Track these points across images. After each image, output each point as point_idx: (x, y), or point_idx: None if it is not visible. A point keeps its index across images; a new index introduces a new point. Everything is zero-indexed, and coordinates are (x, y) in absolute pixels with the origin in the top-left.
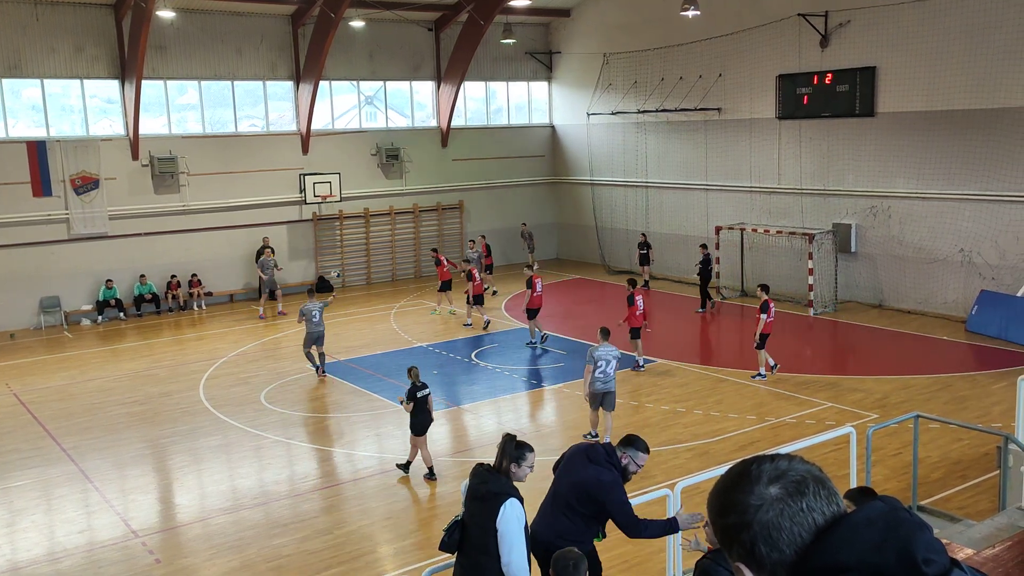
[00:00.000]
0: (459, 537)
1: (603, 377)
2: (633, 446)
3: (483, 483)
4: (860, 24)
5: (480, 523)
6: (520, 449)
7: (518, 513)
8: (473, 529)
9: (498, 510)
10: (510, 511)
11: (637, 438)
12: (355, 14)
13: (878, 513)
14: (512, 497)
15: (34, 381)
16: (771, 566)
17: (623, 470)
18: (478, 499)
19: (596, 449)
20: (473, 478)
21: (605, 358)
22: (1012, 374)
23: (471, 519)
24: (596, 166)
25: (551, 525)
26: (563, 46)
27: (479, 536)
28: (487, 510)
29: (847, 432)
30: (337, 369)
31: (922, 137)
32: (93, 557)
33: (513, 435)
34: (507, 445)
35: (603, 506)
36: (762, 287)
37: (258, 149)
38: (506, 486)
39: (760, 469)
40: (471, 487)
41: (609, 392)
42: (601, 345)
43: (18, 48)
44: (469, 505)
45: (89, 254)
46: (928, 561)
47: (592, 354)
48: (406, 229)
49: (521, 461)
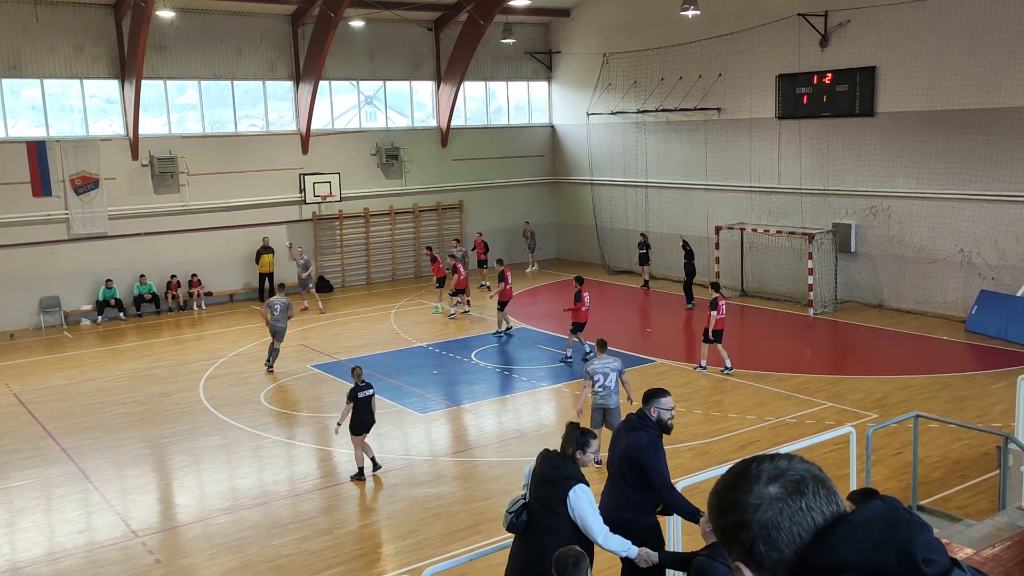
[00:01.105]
0: (526, 519)
1: (603, 392)
2: (653, 398)
3: (553, 468)
4: (860, 24)
5: (547, 505)
6: (584, 436)
7: (588, 495)
8: (539, 511)
9: (567, 494)
10: (581, 494)
11: (657, 389)
12: (355, 14)
13: (878, 513)
14: (580, 482)
15: (34, 381)
16: (770, 565)
17: (659, 424)
18: (547, 483)
19: (629, 418)
20: (542, 462)
21: (603, 371)
22: (1012, 374)
23: (537, 501)
24: (596, 166)
25: (610, 499)
26: (563, 46)
27: (546, 518)
28: (555, 493)
29: (847, 432)
30: (337, 369)
31: (922, 137)
32: (93, 557)
33: (577, 423)
34: (572, 432)
35: (645, 471)
36: (713, 285)
37: (258, 149)
38: (575, 471)
39: (759, 468)
40: (539, 471)
41: (609, 408)
42: (598, 358)
43: (18, 48)
44: (536, 488)
45: (89, 254)
46: (928, 561)
47: (587, 369)
48: (406, 229)
49: (586, 448)
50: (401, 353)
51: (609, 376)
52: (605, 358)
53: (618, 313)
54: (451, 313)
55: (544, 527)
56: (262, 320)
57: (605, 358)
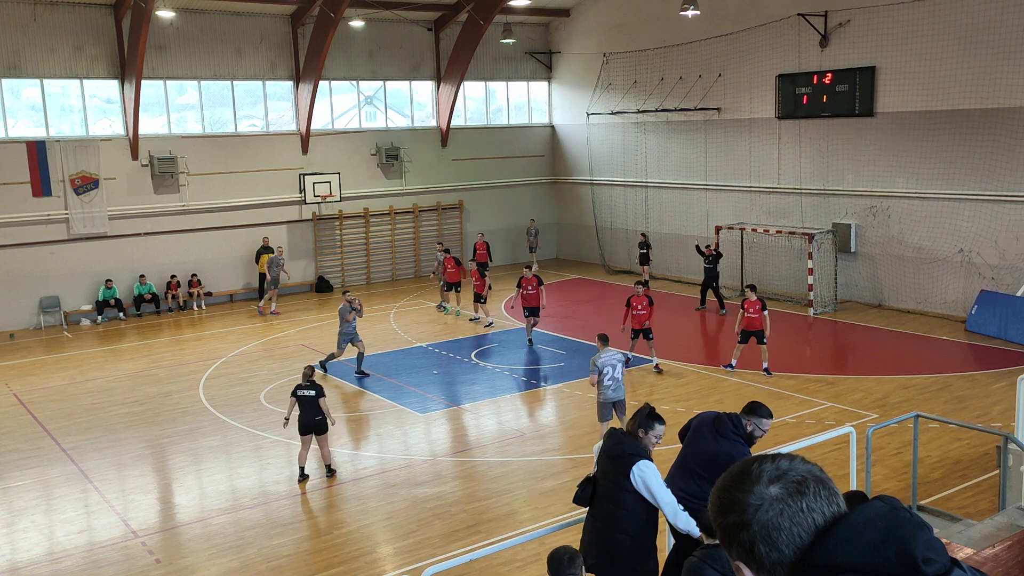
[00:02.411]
0: (591, 492)
1: (612, 384)
2: (756, 413)
3: (617, 444)
4: (860, 24)
5: (613, 479)
6: (651, 420)
7: (653, 469)
8: (606, 485)
9: (630, 468)
10: (645, 468)
11: (760, 405)
12: (355, 14)
13: (878, 513)
14: (643, 458)
15: (34, 381)
16: (770, 566)
17: (748, 437)
18: (613, 459)
19: (723, 421)
20: (608, 440)
21: (610, 363)
22: (1012, 374)
23: (604, 476)
24: (596, 166)
25: (680, 486)
26: (563, 46)
27: (612, 491)
28: (620, 468)
29: (847, 432)
30: (337, 369)
31: (922, 137)
32: (93, 557)
33: (651, 406)
34: (641, 413)
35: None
36: (750, 287)
37: (258, 149)
38: (637, 448)
39: (761, 469)
40: (605, 448)
41: (619, 400)
42: (603, 352)
43: (18, 48)
44: (603, 464)
45: (89, 254)
46: (928, 560)
47: (595, 363)
48: (406, 229)
49: (649, 430)
50: (401, 353)
51: (616, 368)
52: (609, 351)
53: (618, 313)
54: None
55: (611, 500)
56: (259, 321)
57: (609, 351)
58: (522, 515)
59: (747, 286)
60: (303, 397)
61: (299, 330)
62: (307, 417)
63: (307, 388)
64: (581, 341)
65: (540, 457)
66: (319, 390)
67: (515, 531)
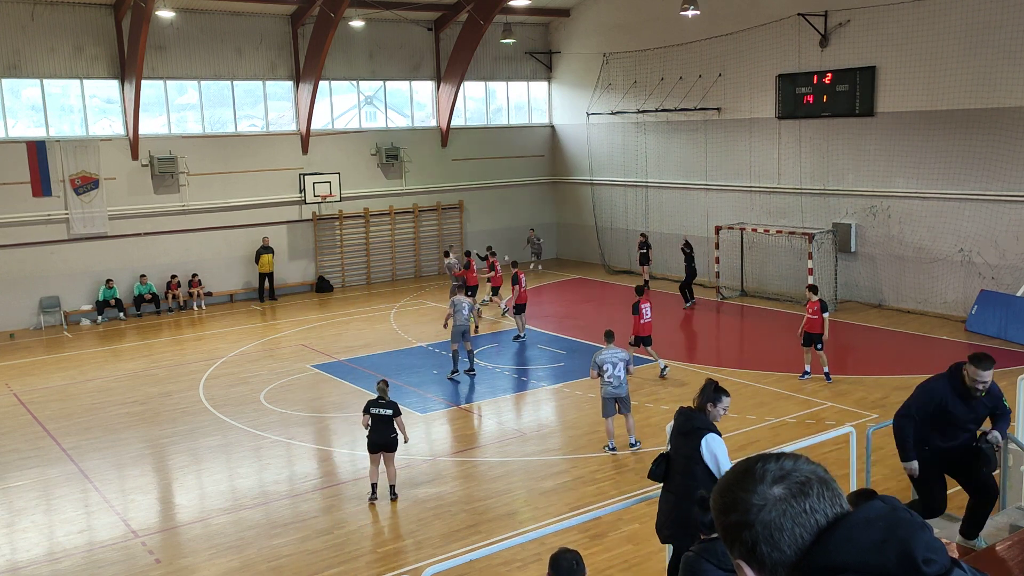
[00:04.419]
0: (665, 468)
1: (614, 382)
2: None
3: (687, 420)
4: (860, 24)
5: (686, 454)
6: (718, 393)
7: (720, 442)
8: (679, 460)
9: (700, 442)
10: (713, 442)
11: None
12: (355, 14)
13: (878, 513)
14: (711, 432)
15: (34, 381)
16: (772, 565)
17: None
18: (683, 434)
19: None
20: (678, 417)
21: (611, 361)
22: (1012, 374)
23: (676, 452)
24: (596, 166)
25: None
26: (563, 46)
27: (685, 465)
28: (691, 443)
29: (847, 432)
30: (337, 369)
31: (922, 137)
32: (93, 557)
33: (715, 381)
34: (707, 387)
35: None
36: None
37: (258, 149)
38: (706, 422)
39: (764, 468)
40: (677, 425)
41: (623, 397)
42: (606, 349)
43: (18, 48)
44: (675, 440)
45: (89, 254)
46: (928, 561)
47: (596, 359)
48: (406, 229)
49: (717, 403)
50: (401, 353)
51: (617, 366)
52: (613, 348)
53: (618, 313)
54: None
55: (684, 474)
56: (259, 321)
57: (613, 348)
58: (522, 515)
59: (808, 287)
60: (378, 415)
61: (299, 330)
62: (380, 435)
63: (383, 406)
64: (581, 341)
65: (540, 457)
66: (395, 408)
67: (515, 531)
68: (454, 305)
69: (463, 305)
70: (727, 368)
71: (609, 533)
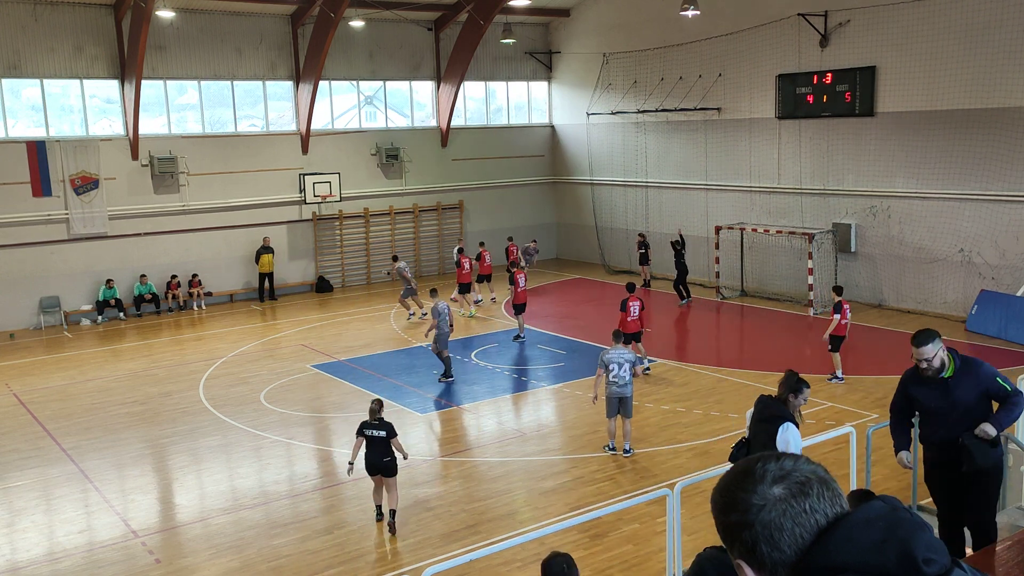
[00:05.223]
0: (746, 453)
1: (618, 381)
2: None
3: (767, 408)
4: (860, 24)
5: (763, 441)
6: (799, 384)
7: (794, 431)
8: (756, 447)
9: (778, 429)
10: (789, 431)
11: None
12: (355, 14)
13: (878, 513)
14: (788, 421)
15: (34, 381)
16: (772, 565)
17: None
18: (763, 421)
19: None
20: (758, 405)
21: (617, 361)
22: (1012, 374)
23: (755, 438)
24: (596, 166)
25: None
26: (563, 46)
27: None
28: (769, 430)
29: (847, 432)
30: (337, 369)
31: (922, 137)
32: (93, 557)
33: (795, 372)
34: (789, 378)
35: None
36: (836, 289)
37: (258, 149)
38: (784, 411)
39: (765, 468)
40: (756, 412)
41: (625, 397)
42: (613, 348)
43: (18, 48)
44: (754, 427)
45: (89, 254)
46: (928, 561)
47: (603, 358)
48: (406, 229)
49: (798, 393)
50: (401, 353)
51: (623, 366)
52: (620, 348)
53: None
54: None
55: None
56: (259, 321)
57: (620, 348)
58: (522, 515)
59: (834, 288)
60: (373, 437)
61: (299, 330)
62: (375, 457)
63: (376, 427)
64: (581, 341)
65: (540, 457)
66: (389, 429)
67: (515, 531)
68: (437, 313)
69: (444, 312)
70: (727, 368)
71: (609, 533)
